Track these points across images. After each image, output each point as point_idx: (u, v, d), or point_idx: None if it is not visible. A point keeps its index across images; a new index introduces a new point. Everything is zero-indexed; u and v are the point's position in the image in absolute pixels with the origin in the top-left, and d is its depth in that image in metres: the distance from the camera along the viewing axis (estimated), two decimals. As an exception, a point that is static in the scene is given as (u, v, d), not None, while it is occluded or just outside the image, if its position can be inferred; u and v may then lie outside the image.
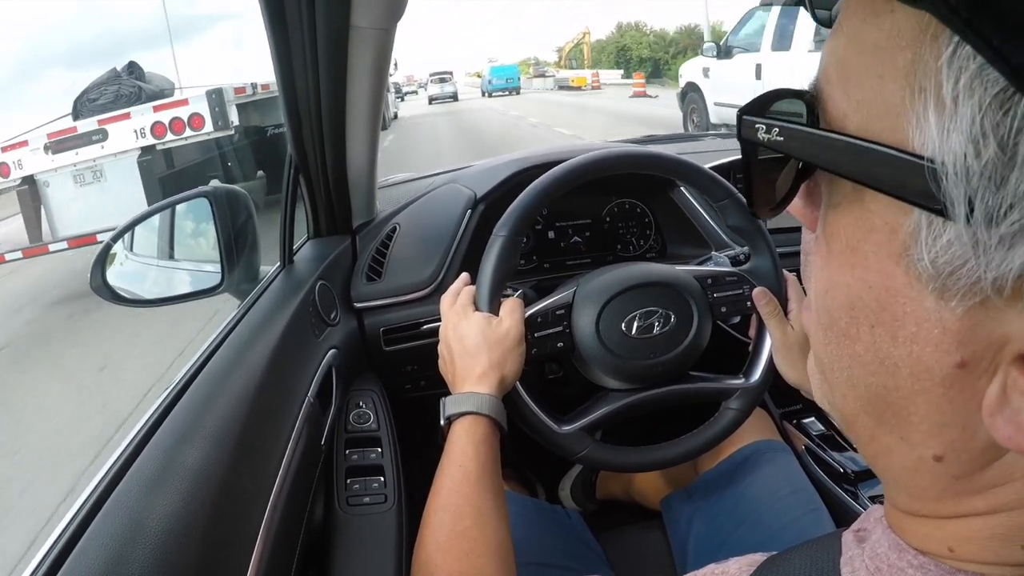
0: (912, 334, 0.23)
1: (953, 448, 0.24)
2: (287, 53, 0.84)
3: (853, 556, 0.31)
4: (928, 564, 0.27)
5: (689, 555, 0.93)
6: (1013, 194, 0.19)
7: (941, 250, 0.21)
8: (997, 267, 0.20)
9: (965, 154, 0.19)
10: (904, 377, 0.24)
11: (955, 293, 0.21)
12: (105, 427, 2.79)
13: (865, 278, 0.24)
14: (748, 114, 0.28)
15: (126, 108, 4.68)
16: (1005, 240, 0.19)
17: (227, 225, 0.93)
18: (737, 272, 0.86)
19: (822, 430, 1.11)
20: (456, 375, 0.74)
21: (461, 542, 0.62)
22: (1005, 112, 0.18)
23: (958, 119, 0.19)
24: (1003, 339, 0.21)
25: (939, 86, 0.20)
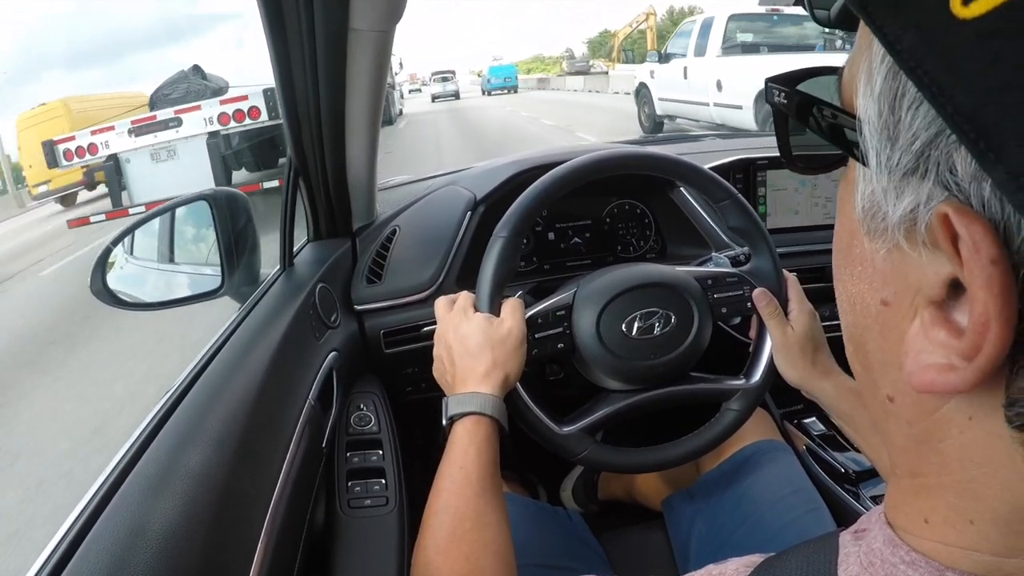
0: (859, 272, 0.28)
1: (897, 389, 0.27)
2: (286, 55, 0.84)
3: (849, 553, 0.31)
4: (919, 561, 0.27)
5: (691, 555, 0.93)
6: (899, 147, 0.23)
7: (866, 197, 0.25)
8: (894, 212, 0.24)
9: (875, 115, 0.24)
10: (858, 314, 0.29)
11: (878, 235, 0.25)
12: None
13: (842, 223, 0.29)
14: (773, 81, 0.32)
15: (196, 101, 5.90)
16: (898, 187, 0.23)
17: (227, 228, 0.93)
18: (737, 273, 0.86)
19: (823, 430, 1.11)
20: (457, 376, 0.74)
21: (462, 545, 0.61)
22: (896, 79, 0.23)
23: (873, 86, 0.24)
24: (916, 284, 0.24)
25: (871, 61, 0.24)
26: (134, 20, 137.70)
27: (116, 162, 6.02)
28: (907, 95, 0.22)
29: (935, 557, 0.27)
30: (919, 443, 0.27)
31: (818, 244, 1.16)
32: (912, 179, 0.22)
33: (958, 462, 0.25)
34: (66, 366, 3.85)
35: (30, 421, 3.27)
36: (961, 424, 0.25)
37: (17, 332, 4.77)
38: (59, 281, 6.16)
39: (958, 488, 0.26)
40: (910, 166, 0.22)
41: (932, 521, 0.27)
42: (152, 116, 5.95)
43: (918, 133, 0.22)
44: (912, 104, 0.22)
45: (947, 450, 0.26)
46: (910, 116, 0.22)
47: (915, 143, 0.22)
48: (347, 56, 0.86)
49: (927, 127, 0.21)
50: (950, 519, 0.26)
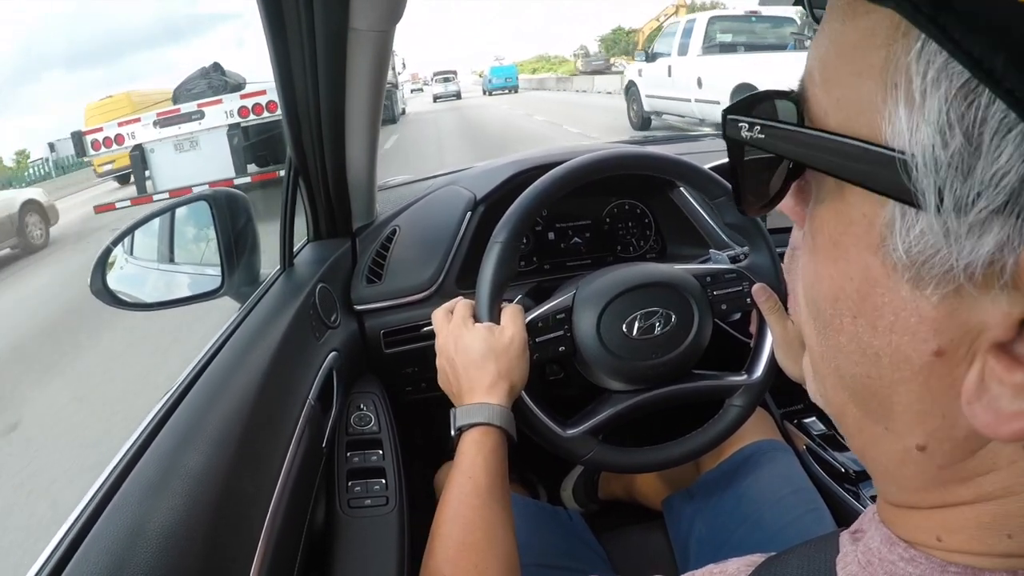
0: (891, 323, 0.24)
1: (935, 437, 0.25)
2: (286, 55, 0.84)
3: (847, 553, 0.31)
4: (918, 557, 0.27)
5: (691, 555, 0.93)
6: (980, 182, 0.19)
7: (914, 240, 0.22)
8: (968, 255, 0.20)
9: (933, 145, 0.20)
10: (885, 366, 0.25)
11: (929, 282, 0.22)
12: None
13: (846, 270, 0.25)
14: (733, 113, 0.28)
15: (218, 95, 6.36)
16: (975, 228, 0.20)
17: (227, 228, 0.93)
18: (736, 269, 0.86)
19: (823, 430, 1.11)
20: (463, 387, 0.74)
21: (471, 554, 0.61)
22: (969, 104, 0.19)
23: (926, 112, 0.20)
24: (979, 327, 0.22)
25: (909, 81, 0.20)
26: (134, 20, 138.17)
27: (141, 152, 6.47)
28: (989, 121, 0.19)
29: (938, 555, 0.26)
30: (947, 482, 0.26)
31: None
32: (998, 218, 0.19)
33: (1003, 489, 0.24)
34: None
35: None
36: (1012, 455, 0.24)
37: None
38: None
39: (997, 511, 0.25)
40: (997, 204, 0.19)
41: (949, 539, 0.26)
42: (176, 109, 6.39)
43: (1010, 166, 0.19)
44: (997, 132, 0.19)
45: (988, 481, 0.24)
46: (996, 146, 0.19)
47: (1005, 177, 0.19)
48: (347, 56, 0.86)
49: (1022, 158, 0.18)
50: (977, 536, 0.25)
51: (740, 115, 0.28)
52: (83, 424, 2.99)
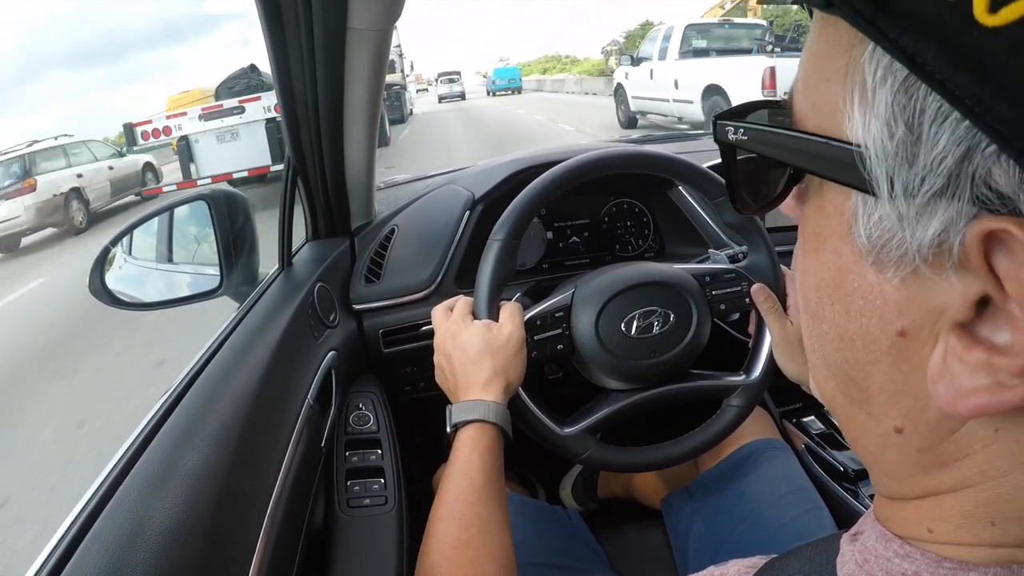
0: (860, 307, 0.26)
1: (910, 419, 0.26)
2: (284, 55, 0.84)
3: (845, 553, 0.31)
4: (914, 553, 0.27)
5: (690, 554, 0.94)
6: (923, 167, 0.21)
7: (874, 226, 0.24)
8: (919, 237, 0.22)
9: (883, 137, 0.22)
10: (859, 350, 0.27)
11: (890, 265, 0.24)
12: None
13: (825, 260, 0.27)
14: (722, 119, 0.30)
15: (257, 93, 7.19)
16: (922, 211, 0.22)
17: (226, 228, 0.93)
18: (735, 269, 0.86)
19: (822, 429, 1.11)
20: (459, 384, 0.74)
21: (466, 550, 0.62)
22: (910, 96, 0.21)
23: (875, 107, 0.22)
24: (939, 308, 0.23)
25: (863, 81, 0.22)
26: (137, 20, 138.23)
27: (187, 142, 7.30)
28: (927, 111, 0.20)
29: (931, 550, 0.27)
30: (929, 467, 0.26)
31: None
32: (940, 200, 0.21)
33: (980, 474, 0.25)
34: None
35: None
36: (985, 438, 0.24)
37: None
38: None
39: (978, 498, 0.25)
40: (938, 187, 0.21)
41: (939, 530, 0.27)
42: (219, 105, 7.28)
43: (947, 151, 0.20)
44: (934, 120, 0.20)
45: (966, 466, 0.25)
46: (934, 133, 0.20)
47: (943, 161, 0.20)
48: (345, 55, 0.86)
49: (957, 143, 0.20)
50: (963, 525, 0.26)
51: (728, 120, 0.30)
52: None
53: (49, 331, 4.76)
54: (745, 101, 0.31)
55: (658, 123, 10.19)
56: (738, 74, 7.45)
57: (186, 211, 0.99)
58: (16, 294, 6.36)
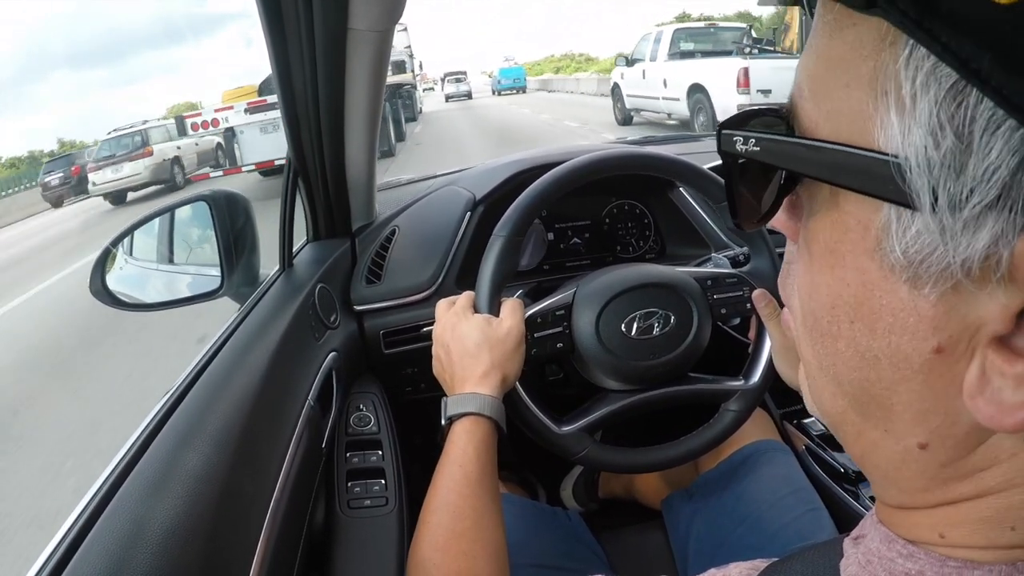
0: (889, 325, 0.24)
1: (937, 435, 0.25)
2: (285, 55, 0.84)
3: (848, 556, 0.31)
4: (917, 553, 0.27)
5: (690, 555, 0.94)
6: (972, 179, 0.20)
7: (911, 240, 0.22)
8: (964, 251, 0.21)
9: (926, 147, 0.21)
10: (885, 368, 0.25)
11: (927, 280, 0.22)
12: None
13: (843, 276, 0.26)
14: (727, 128, 0.29)
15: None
16: (969, 224, 0.21)
17: (226, 229, 0.93)
18: (737, 274, 0.86)
19: (822, 430, 1.11)
20: (456, 375, 0.74)
21: (460, 542, 0.62)
22: (959, 104, 0.20)
23: (917, 115, 0.21)
24: (977, 322, 0.22)
25: (899, 87, 0.21)
26: (137, 20, 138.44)
27: (232, 133, 8.38)
28: (978, 119, 0.19)
29: (936, 550, 0.27)
30: (948, 480, 0.26)
31: None
32: (991, 213, 0.20)
33: (1005, 483, 0.24)
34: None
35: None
36: (1012, 448, 0.24)
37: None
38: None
39: (999, 505, 0.25)
40: (990, 199, 0.20)
41: (951, 535, 0.26)
42: (264, 100, 8.35)
43: (1000, 161, 0.19)
44: (986, 129, 0.19)
45: (990, 476, 0.25)
46: (986, 143, 0.19)
47: (997, 172, 0.19)
48: (346, 56, 0.86)
49: (1012, 153, 0.19)
50: (980, 530, 0.25)
51: (735, 130, 0.29)
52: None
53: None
54: (744, 111, 0.29)
55: (651, 120, 10.92)
56: (718, 74, 8.08)
57: (187, 212, 0.99)
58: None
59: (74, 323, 4.79)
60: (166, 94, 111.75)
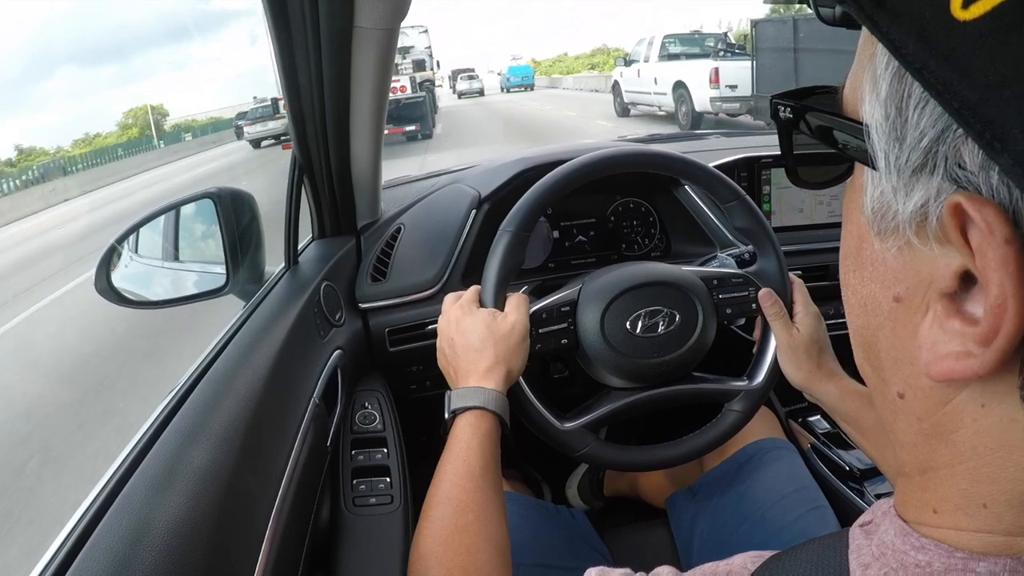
0: (870, 273, 0.29)
1: (910, 385, 0.28)
2: (291, 53, 0.84)
3: (860, 546, 0.31)
4: (928, 544, 0.28)
5: (694, 553, 0.93)
6: (908, 146, 0.24)
7: (877, 198, 0.26)
8: (905, 208, 0.25)
9: (884, 117, 0.25)
10: (870, 315, 0.29)
11: (889, 234, 0.26)
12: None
13: (850, 230, 0.30)
14: (777, 98, 0.33)
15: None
16: (908, 185, 0.24)
17: (232, 226, 0.93)
18: (743, 274, 0.86)
19: (827, 428, 1.11)
20: (460, 370, 0.74)
21: (463, 536, 0.62)
22: (901, 83, 0.24)
23: (879, 92, 0.25)
24: (928, 278, 0.25)
25: (875, 70, 0.25)
26: (144, 18, 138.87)
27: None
28: (913, 96, 0.23)
29: (945, 541, 0.27)
30: (929, 437, 0.28)
31: (823, 242, 1.15)
32: (921, 175, 0.23)
33: (971, 450, 0.26)
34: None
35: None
36: (974, 412, 0.25)
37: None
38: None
39: (971, 475, 0.26)
40: (919, 163, 0.23)
41: (942, 510, 0.28)
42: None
43: (925, 131, 0.23)
44: (918, 104, 0.23)
45: (959, 440, 0.26)
46: (916, 115, 0.23)
47: (923, 140, 0.23)
48: (352, 54, 0.86)
49: (933, 124, 0.22)
50: (962, 506, 0.27)
51: (781, 100, 0.33)
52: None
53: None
54: (802, 87, 0.34)
55: (645, 112, 13.04)
56: (696, 73, 9.99)
57: (192, 209, 0.99)
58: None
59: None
60: (171, 92, 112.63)
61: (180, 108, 67.59)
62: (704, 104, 9.83)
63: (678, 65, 10.95)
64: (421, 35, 13.86)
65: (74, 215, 11.90)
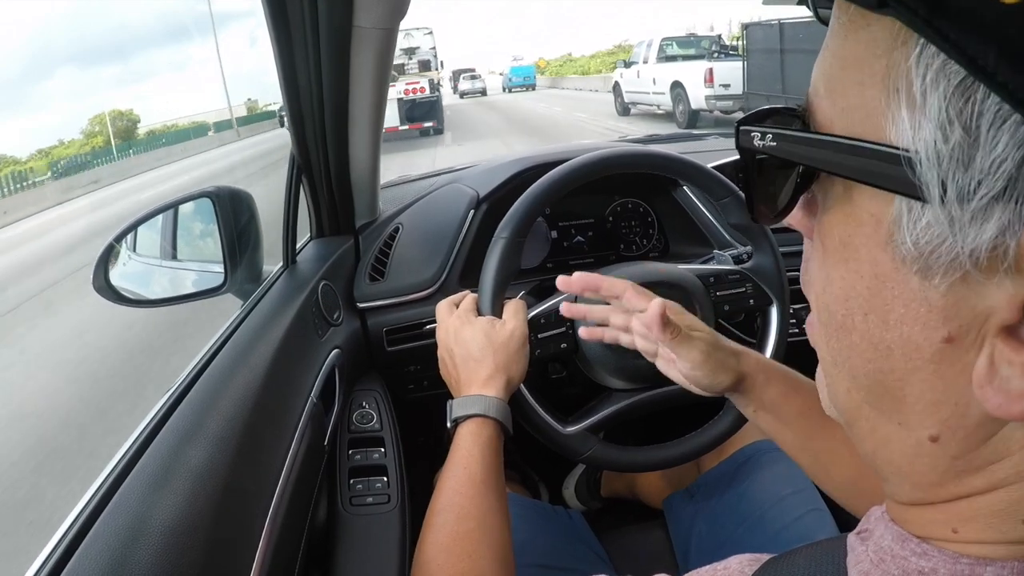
0: (901, 315, 0.25)
1: (948, 426, 0.26)
2: (289, 52, 0.84)
3: (858, 553, 0.31)
4: (931, 550, 0.27)
5: (691, 555, 0.93)
6: (980, 171, 0.21)
7: (921, 232, 0.23)
8: (972, 241, 0.22)
9: (935, 140, 0.21)
10: (897, 359, 0.26)
11: (937, 271, 0.23)
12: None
13: (857, 269, 0.27)
14: (745, 124, 0.30)
15: (393, 81, 9.64)
16: (977, 215, 0.21)
17: (230, 225, 0.93)
18: (740, 271, 0.86)
19: (825, 430, 1.10)
20: (461, 379, 0.74)
21: (464, 543, 0.62)
22: (966, 99, 0.20)
23: (927, 110, 0.21)
24: (986, 312, 0.23)
25: (910, 84, 0.22)
26: (144, 19, 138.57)
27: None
28: (985, 114, 0.20)
29: (952, 548, 0.27)
30: (961, 473, 0.26)
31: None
32: (998, 204, 0.21)
33: (1016, 475, 0.25)
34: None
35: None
36: (1022, 440, 0.24)
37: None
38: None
39: (1011, 498, 0.25)
40: (997, 190, 0.20)
41: (964, 530, 0.27)
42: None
43: (1006, 154, 0.20)
44: (993, 123, 0.20)
45: (1001, 468, 0.25)
46: (992, 136, 0.20)
47: (1003, 164, 0.20)
48: (351, 53, 0.86)
49: (1017, 146, 0.20)
50: (993, 524, 0.26)
51: (752, 125, 0.29)
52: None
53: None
54: (761, 108, 0.30)
55: (644, 111, 13.83)
56: (692, 73, 10.67)
57: (191, 208, 0.99)
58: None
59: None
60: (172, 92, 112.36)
61: (170, 111, 66.30)
62: (699, 102, 10.49)
63: (675, 66, 11.76)
64: (426, 36, 14.42)
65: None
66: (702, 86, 10.25)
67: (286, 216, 0.98)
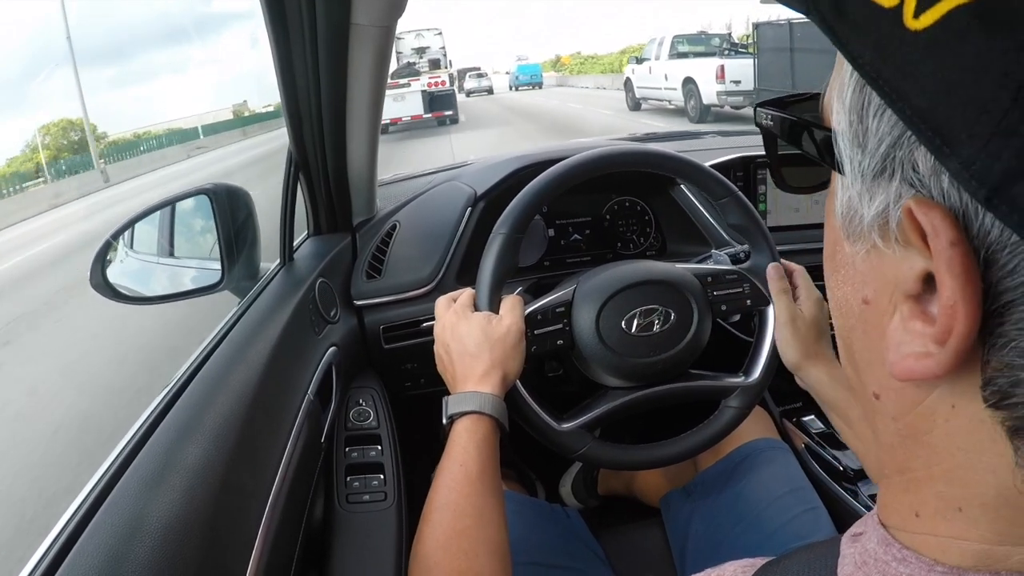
0: (843, 276, 0.29)
1: (882, 385, 0.29)
2: (287, 49, 0.84)
3: (846, 555, 0.31)
4: (910, 557, 0.28)
5: (688, 553, 0.94)
6: (868, 152, 0.25)
7: (844, 203, 0.27)
8: (869, 213, 0.25)
9: (849, 124, 0.26)
10: (845, 315, 0.30)
11: (856, 238, 0.27)
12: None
13: (828, 234, 0.31)
14: (761, 106, 0.34)
15: (417, 75, 14.44)
16: (870, 190, 0.25)
17: (227, 222, 0.93)
18: (737, 270, 0.86)
19: (822, 428, 1.11)
20: (457, 375, 0.74)
21: (461, 540, 0.62)
22: (862, 91, 0.25)
23: (844, 101, 0.26)
24: (894, 281, 0.25)
25: (843, 79, 0.26)
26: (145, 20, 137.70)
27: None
28: (871, 104, 0.24)
29: (925, 551, 0.27)
30: (905, 438, 0.28)
31: (818, 242, 1.13)
32: (881, 180, 0.24)
33: (945, 451, 0.26)
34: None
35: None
36: (945, 413, 0.25)
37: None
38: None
39: (946, 477, 0.26)
40: (878, 168, 0.24)
41: (923, 514, 0.28)
42: (396, 82, 13.25)
43: (883, 137, 0.24)
44: (876, 112, 0.24)
45: (933, 441, 0.26)
46: (875, 122, 0.24)
47: (881, 146, 0.24)
48: (349, 51, 0.86)
49: (890, 131, 0.23)
50: (940, 509, 0.27)
51: (764, 107, 0.34)
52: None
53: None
54: (787, 94, 0.35)
55: (655, 106, 14.27)
56: (704, 70, 11.08)
57: (188, 205, 0.99)
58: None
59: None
60: (173, 93, 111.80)
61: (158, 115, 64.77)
62: (711, 98, 10.85)
63: (687, 63, 12.01)
64: (436, 37, 16.55)
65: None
66: (714, 82, 10.65)
67: (283, 213, 0.98)
